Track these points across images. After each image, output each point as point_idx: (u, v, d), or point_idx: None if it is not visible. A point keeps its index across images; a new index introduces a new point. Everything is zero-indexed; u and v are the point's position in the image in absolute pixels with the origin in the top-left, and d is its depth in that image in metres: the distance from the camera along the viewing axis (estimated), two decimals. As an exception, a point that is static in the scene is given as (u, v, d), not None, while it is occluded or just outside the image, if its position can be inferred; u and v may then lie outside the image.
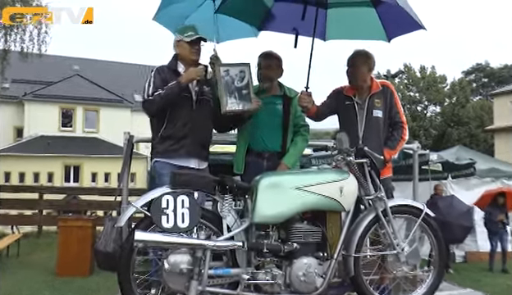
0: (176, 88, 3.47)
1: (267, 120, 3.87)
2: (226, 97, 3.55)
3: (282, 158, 3.81)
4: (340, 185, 3.06)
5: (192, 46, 3.61)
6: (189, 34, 3.61)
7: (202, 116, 3.62)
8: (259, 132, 3.86)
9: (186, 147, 3.53)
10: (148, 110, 3.53)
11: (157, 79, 3.54)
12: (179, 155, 3.52)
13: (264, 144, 3.85)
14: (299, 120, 3.97)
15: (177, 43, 3.67)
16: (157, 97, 3.46)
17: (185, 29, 3.68)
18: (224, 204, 3.01)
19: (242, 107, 3.60)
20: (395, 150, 3.82)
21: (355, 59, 3.85)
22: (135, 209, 2.89)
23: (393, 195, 3.87)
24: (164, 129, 3.56)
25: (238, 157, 3.91)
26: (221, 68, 3.63)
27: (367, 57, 3.86)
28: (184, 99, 3.56)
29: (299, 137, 3.94)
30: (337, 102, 3.95)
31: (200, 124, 3.60)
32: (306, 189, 2.99)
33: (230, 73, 3.64)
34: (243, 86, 3.64)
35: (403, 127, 3.87)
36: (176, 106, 3.53)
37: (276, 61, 3.94)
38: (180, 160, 3.52)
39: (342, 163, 3.25)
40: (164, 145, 3.55)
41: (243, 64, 3.72)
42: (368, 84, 3.88)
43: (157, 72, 3.61)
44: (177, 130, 3.54)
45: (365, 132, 3.77)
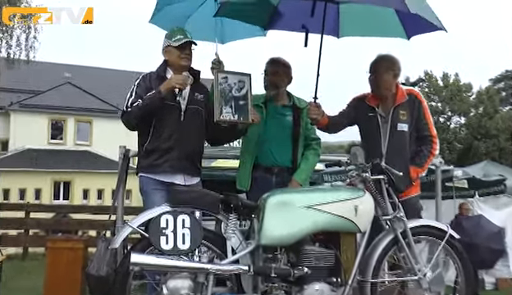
0: (155, 97, 3.47)
1: (275, 133, 3.89)
2: (221, 106, 3.58)
3: (292, 174, 3.83)
4: (355, 204, 3.07)
5: (181, 51, 3.63)
6: (178, 37, 3.63)
7: (191, 128, 3.63)
8: (267, 145, 3.88)
9: (171, 162, 3.54)
10: (126, 122, 3.57)
11: (140, 88, 3.57)
12: (163, 170, 3.53)
13: (273, 158, 3.86)
14: (310, 133, 3.99)
15: (166, 48, 3.69)
16: (135, 108, 3.49)
17: (173, 32, 3.69)
18: (228, 224, 3.02)
19: (237, 118, 3.61)
20: (423, 168, 3.76)
21: (378, 65, 3.82)
22: (131, 229, 2.91)
23: (421, 215, 3.84)
24: (148, 142, 3.59)
25: (243, 173, 3.92)
26: (219, 74, 3.66)
27: (392, 63, 3.83)
28: (170, 109, 3.57)
29: (310, 151, 3.96)
30: (358, 111, 3.92)
31: (188, 137, 3.61)
32: (318, 208, 3.00)
33: (229, 81, 3.67)
34: (240, 96, 3.66)
35: (432, 141, 3.81)
36: (161, 117, 3.55)
37: (283, 68, 3.98)
38: (164, 175, 3.54)
39: (357, 180, 3.26)
40: (148, 159, 3.57)
41: (243, 74, 3.75)
42: (392, 93, 3.84)
43: (141, 80, 3.64)
44: (162, 143, 3.56)
45: (389, 148, 3.73)
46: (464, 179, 9.84)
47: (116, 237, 2.98)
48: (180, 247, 2.78)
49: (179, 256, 2.80)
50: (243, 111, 3.63)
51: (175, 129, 3.57)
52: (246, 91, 3.68)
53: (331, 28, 4.03)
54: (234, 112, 3.61)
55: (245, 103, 3.65)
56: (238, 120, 3.61)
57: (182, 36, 3.63)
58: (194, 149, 3.66)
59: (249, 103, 3.65)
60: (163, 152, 3.54)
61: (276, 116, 3.92)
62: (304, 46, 3.82)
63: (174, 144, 3.55)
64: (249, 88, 3.69)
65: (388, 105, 3.83)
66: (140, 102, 3.48)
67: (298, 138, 3.92)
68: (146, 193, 3.55)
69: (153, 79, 3.62)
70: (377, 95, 3.85)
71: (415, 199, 3.83)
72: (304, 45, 3.82)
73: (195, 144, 3.68)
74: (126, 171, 3.96)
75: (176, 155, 3.55)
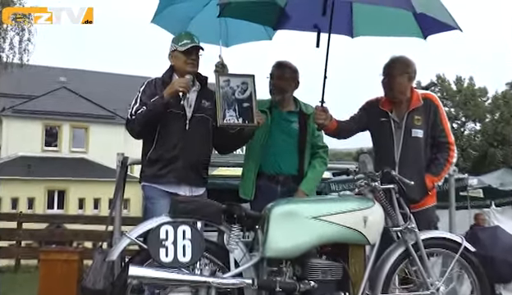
0: (158, 103, 3.50)
1: (281, 140, 3.90)
2: (224, 110, 3.59)
3: (299, 183, 3.83)
4: (364, 214, 3.06)
5: (187, 56, 3.65)
6: (184, 42, 3.65)
7: (197, 136, 3.64)
8: (272, 152, 3.89)
9: (176, 172, 3.55)
10: (130, 131, 3.61)
11: (145, 95, 3.59)
12: (167, 180, 3.55)
13: (278, 166, 3.87)
14: (317, 141, 3.99)
15: (172, 53, 3.72)
16: (139, 116, 3.51)
17: (180, 37, 3.71)
18: (231, 235, 3.02)
19: (241, 122, 3.62)
20: (440, 176, 3.73)
21: (392, 67, 3.81)
22: (129, 240, 2.91)
23: (437, 227, 3.82)
24: (152, 150, 3.60)
25: (247, 181, 3.92)
26: (220, 77, 3.68)
27: (406, 65, 3.81)
28: (175, 117, 3.59)
29: (317, 159, 3.96)
30: (371, 116, 3.91)
31: (194, 145, 3.62)
32: (325, 219, 2.99)
33: (231, 83, 3.68)
34: (244, 98, 3.67)
35: (450, 149, 3.77)
36: (166, 126, 3.58)
37: (289, 72, 3.98)
38: (168, 186, 3.55)
39: (366, 189, 3.26)
40: (152, 169, 3.59)
41: (246, 75, 3.76)
42: (407, 97, 3.83)
43: (146, 86, 3.66)
44: (166, 152, 3.57)
45: (402, 156, 3.71)
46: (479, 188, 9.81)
47: (114, 248, 2.98)
48: (181, 260, 2.78)
49: (179, 269, 2.80)
50: (247, 114, 3.64)
51: (179, 137, 3.59)
52: (250, 93, 3.69)
53: (345, 27, 4.04)
54: (238, 115, 3.62)
55: (249, 105, 3.66)
56: (242, 123, 3.62)
57: (189, 41, 3.65)
58: (199, 159, 3.67)
59: (253, 105, 3.66)
60: (167, 161, 3.56)
61: (282, 123, 3.93)
62: (315, 46, 3.82)
63: (179, 154, 3.57)
64: (253, 90, 3.70)
65: (402, 109, 3.81)
66: (144, 109, 3.50)
67: (304, 146, 3.92)
68: (149, 201, 3.57)
69: (158, 86, 3.64)
70: (391, 99, 3.84)
71: (431, 210, 3.80)
72: (316, 46, 3.82)
73: (201, 153, 3.69)
74: (124, 180, 3.97)
75: (181, 165, 3.56)
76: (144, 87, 3.66)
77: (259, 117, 3.65)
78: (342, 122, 3.89)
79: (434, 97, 3.94)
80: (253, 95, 3.69)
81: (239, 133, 3.69)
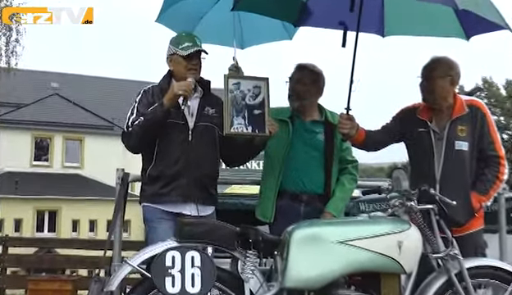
0: (158, 111, 3.51)
1: (304, 153, 3.90)
2: (232, 116, 3.61)
3: (325, 203, 3.83)
4: (399, 239, 3.05)
5: (189, 61, 3.65)
6: (186, 45, 3.65)
7: (201, 148, 3.64)
8: (295, 168, 3.88)
9: (180, 189, 3.56)
10: (127, 145, 3.63)
11: (142, 105, 3.62)
12: (170, 199, 3.56)
13: (302, 184, 3.87)
14: (345, 154, 3.99)
15: (171, 56, 3.72)
16: (136, 127, 3.53)
17: (181, 38, 3.72)
18: (246, 263, 3.02)
19: (251, 131, 3.63)
20: (488, 195, 3.70)
21: (433, 68, 3.79)
22: (131, 268, 2.92)
23: (485, 254, 3.79)
24: (152, 166, 3.62)
25: (266, 201, 3.93)
26: (230, 80, 3.70)
27: (449, 67, 3.80)
28: (176, 128, 3.60)
29: (346, 176, 3.96)
30: (406, 126, 3.91)
31: (199, 158, 3.62)
32: (353, 244, 2.99)
33: (242, 87, 3.70)
34: (256, 105, 3.68)
35: (499, 163, 3.74)
36: (166, 138, 3.60)
37: (310, 75, 3.97)
38: (172, 205, 3.57)
39: (401, 210, 3.25)
40: (153, 187, 3.61)
41: (259, 78, 3.78)
42: (449, 104, 3.81)
43: (143, 96, 3.69)
44: (167, 168, 3.58)
45: (444, 171, 3.69)
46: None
47: (113, 277, 2.99)
48: (189, 291, 2.78)
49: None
50: (258, 122, 3.65)
51: (182, 151, 3.60)
52: (262, 98, 3.70)
53: (375, 25, 4.05)
54: (247, 124, 3.64)
55: (261, 113, 3.67)
56: (252, 132, 3.63)
57: (191, 43, 3.66)
58: (206, 173, 3.67)
59: (265, 112, 3.67)
60: (170, 178, 3.58)
61: (305, 134, 3.93)
62: (341, 46, 3.84)
63: (182, 169, 3.58)
64: (267, 95, 3.72)
65: (444, 118, 3.79)
66: (141, 120, 3.53)
67: (331, 160, 3.91)
68: (150, 224, 3.59)
69: (156, 94, 3.67)
70: (431, 105, 3.82)
71: (478, 234, 3.76)
72: (342, 45, 3.84)
73: (208, 167, 3.69)
74: (125, 199, 4.00)
75: (185, 181, 3.57)
76: (139, 96, 3.69)
77: (272, 126, 3.66)
78: (371, 132, 3.88)
79: (481, 103, 3.91)
80: (266, 101, 3.70)
81: (248, 144, 3.72)
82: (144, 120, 3.52)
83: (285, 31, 4.53)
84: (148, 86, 3.77)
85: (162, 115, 3.50)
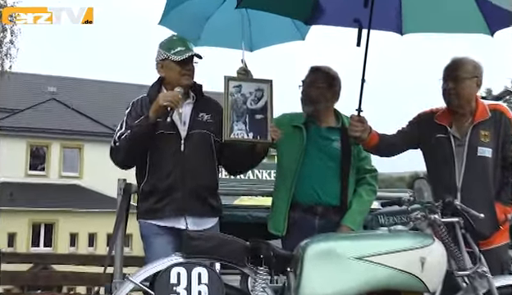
0: (143, 124, 3.53)
1: (319, 162, 3.90)
2: (232, 122, 3.63)
3: (341, 216, 3.83)
4: (421, 255, 3.05)
5: (183, 66, 3.66)
6: (178, 49, 3.66)
7: (196, 157, 3.65)
8: (309, 178, 3.88)
9: (175, 203, 3.58)
10: (114, 160, 3.69)
11: (131, 118, 3.65)
12: (165, 215, 3.59)
13: (317, 196, 3.87)
14: (363, 164, 3.99)
15: (162, 62, 3.72)
16: (123, 142, 3.58)
17: (173, 43, 3.73)
18: (257, 280, 3.03)
19: (252, 137, 3.64)
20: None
21: (459, 69, 3.78)
22: (133, 285, 2.94)
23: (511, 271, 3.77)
24: (145, 182, 3.66)
25: (277, 213, 3.93)
26: (230, 82, 3.72)
27: (474, 67, 3.79)
28: (166, 139, 3.61)
29: (364, 186, 3.96)
30: (424, 131, 3.91)
31: (194, 169, 3.63)
32: (372, 260, 2.99)
33: (243, 90, 3.71)
34: (257, 109, 3.70)
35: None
36: (156, 150, 3.62)
37: (324, 77, 3.97)
38: (167, 220, 3.60)
39: (423, 223, 3.24)
40: (147, 203, 3.65)
41: (262, 80, 3.80)
42: (471, 108, 3.81)
43: (132, 108, 3.72)
44: (160, 182, 3.61)
45: (466, 180, 3.69)
46: None
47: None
48: (195, 309, 2.79)
49: (193, 321, 2.82)
50: (260, 128, 3.66)
51: (175, 162, 3.62)
52: (265, 102, 3.72)
53: (392, 22, 4.05)
54: (248, 130, 3.66)
55: (263, 118, 3.69)
56: (253, 139, 3.65)
57: (184, 48, 3.67)
58: (203, 184, 3.68)
59: (268, 117, 3.69)
60: (163, 193, 3.60)
61: (320, 141, 3.93)
62: (356, 45, 3.84)
63: (175, 182, 3.60)
64: (270, 99, 3.74)
65: (465, 123, 3.79)
66: (128, 133, 3.57)
67: (348, 170, 3.92)
68: (147, 239, 3.64)
69: (145, 105, 3.69)
70: (456, 109, 3.81)
71: (503, 249, 3.74)
72: (357, 44, 3.84)
73: (205, 178, 3.70)
74: (127, 211, 4.02)
75: (180, 195, 3.59)
76: (129, 109, 3.73)
77: (275, 132, 3.68)
78: (385, 136, 3.88)
79: (505, 108, 3.90)
80: (269, 105, 3.73)
81: (250, 151, 3.73)
82: (129, 133, 3.55)
83: (297, 31, 4.54)
84: (138, 97, 3.80)
85: (148, 127, 3.52)
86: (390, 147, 3.94)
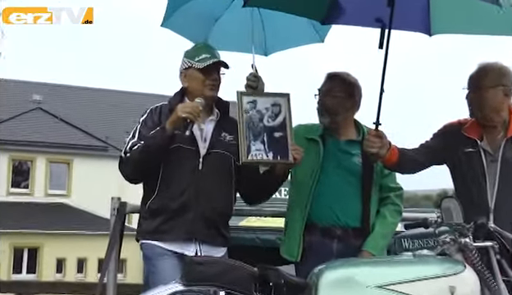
0: (159, 135, 3.55)
1: (338, 179, 3.91)
2: (249, 141, 3.63)
3: (362, 239, 3.84)
4: (451, 283, 3.04)
5: (207, 75, 3.71)
6: (203, 57, 3.71)
7: (213, 179, 3.68)
8: (327, 197, 3.89)
9: (185, 226, 3.60)
10: (123, 173, 3.69)
11: (146, 128, 3.68)
12: (173, 238, 3.61)
13: (335, 216, 3.87)
14: (387, 181, 4.00)
15: (185, 71, 3.79)
16: (134, 153, 3.59)
17: (197, 50, 3.80)
18: (266, 310, 3.02)
19: (272, 158, 3.65)
20: None
21: (481, 78, 3.81)
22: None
23: None
24: (154, 198, 3.67)
25: (291, 236, 3.95)
26: (244, 98, 3.73)
27: (501, 75, 3.81)
28: (185, 154, 3.64)
29: (388, 206, 3.97)
30: (451, 145, 3.91)
31: (210, 191, 3.65)
32: (395, 289, 2.98)
33: (259, 106, 3.73)
34: (276, 126, 3.71)
35: None
36: (172, 165, 3.63)
37: (342, 85, 3.98)
38: (175, 244, 3.61)
39: (453, 247, 3.23)
40: (154, 222, 3.65)
41: (278, 94, 3.82)
42: (503, 119, 3.82)
43: (148, 116, 3.76)
44: (171, 201, 3.62)
45: (499, 200, 3.69)
46: None
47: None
48: (198, 344, 2.80)
49: None
50: (280, 147, 3.67)
51: (190, 181, 3.64)
52: (283, 118, 3.74)
53: (420, 22, 4.08)
54: (267, 149, 3.66)
55: (282, 135, 3.70)
56: (274, 159, 3.66)
57: (209, 55, 3.72)
58: (217, 209, 3.70)
59: (288, 135, 3.70)
60: (173, 213, 3.62)
61: (339, 156, 3.94)
62: (378, 47, 3.83)
63: (188, 202, 3.62)
64: (288, 114, 3.75)
65: (497, 136, 3.80)
66: (141, 145, 3.58)
67: (370, 188, 3.92)
68: (150, 262, 3.63)
69: (164, 114, 3.72)
70: (480, 121, 3.83)
71: None
72: (379, 46, 3.82)
73: (220, 202, 3.72)
74: (121, 233, 4.03)
75: (191, 216, 3.61)
76: (145, 116, 3.76)
77: (296, 151, 3.69)
78: (407, 151, 3.87)
79: None
80: (288, 121, 3.74)
81: (268, 174, 3.76)
82: (143, 145, 3.57)
83: (316, 32, 4.56)
84: (157, 105, 3.83)
85: (164, 140, 3.55)
86: (412, 163, 3.94)
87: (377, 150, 3.71)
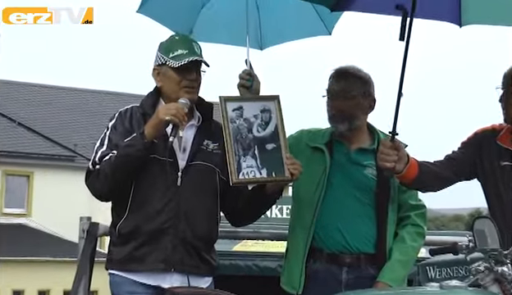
0: (136, 143, 3.51)
1: (348, 196, 3.92)
2: (239, 157, 3.62)
3: (377, 267, 3.84)
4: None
5: (184, 75, 3.67)
6: (179, 53, 3.66)
7: (196, 196, 3.66)
8: (334, 217, 3.90)
9: (161, 253, 3.58)
10: (93, 189, 3.65)
11: (117, 134, 3.66)
12: (147, 267, 3.59)
13: (344, 240, 3.88)
14: (407, 197, 3.99)
15: (158, 68, 3.75)
16: (106, 166, 3.55)
17: (173, 44, 3.74)
18: None
19: (266, 175, 3.64)
20: None
21: None
22: None
23: None
24: (124, 220, 3.64)
25: (292, 263, 3.95)
26: (227, 104, 3.70)
27: None
28: (161, 166, 3.59)
29: (408, 229, 3.97)
30: (482, 157, 3.93)
31: (191, 211, 3.64)
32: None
33: (246, 113, 3.71)
34: (267, 136, 3.71)
35: None
36: (145, 180, 3.61)
37: (357, 83, 3.97)
38: (150, 275, 3.59)
39: (488, 277, 3.23)
40: (124, 248, 3.63)
41: (267, 97, 3.83)
42: None
43: (118, 120, 3.73)
44: (145, 222, 3.59)
45: None
46: None
47: None
48: None
49: None
50: (274, 162, 3.66)
51: (168, 199, 3.61)
52: (275, 126, 3.73)
53: (449, 10, 4.10)
54: (260, 166, 3.65)
55: (276, 147, 3.70)
56: (268, 177, 3.64)
57: (186, 50, 3.67)
58: (200, 232, 3.68)
59: (281, 146, 3.70)
60: (147, 236, 3.59)
61: (349, 167, 3.95)
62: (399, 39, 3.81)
63: (166, 224, 3.59)
64: (280, 121, 3.74)
65: None
66: (114, 155, 3.55)
67: (386, 206, 3.93)
68: None
69: (136, 118, 3.71)
70: None
71: None
72: (400, 38, 3.79)
73: (203, 224, 3.70)
74: (91, 260, 4.04)
75: (170, 241, 3.59)
76: (114, 121, 3.74)
77: (293, 165, 3.66)
78: (428, 165, 3.87)
79: None
80: (280, 129, 3.73)
81: (259, 191, 3.73)
82: (116, 155, 3.54)
83: (322, 23, 4.56)
84: (127, 107, 3.81)
85: (142, 148, 3.51)
86: (435, 179, 3.93)
87: (392, 164, 3.66)
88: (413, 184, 3.86)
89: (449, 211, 45.36)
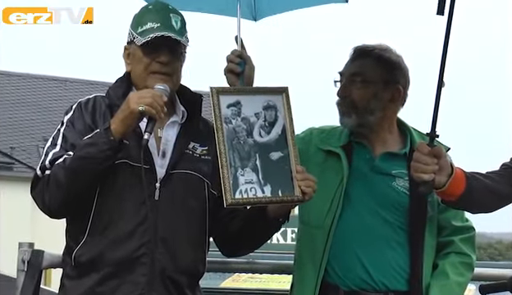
0: (100, 142, 3.43)
1: (371, 217, 3.92)
2: (235, 170, 3.55)
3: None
4: None
5: (151, 56, 3.63)
6: (148, 26, 3.63)
7: (178, 215, 3.66)
8: (353, 242, 3.91)
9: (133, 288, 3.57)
10: (41, 202, 3.58)
11: (73, 131, 3.62)
12: None
13: (366, 275, 3.88)
14: (449, 217, 4.00)
15: (128, 47, 3.76)
16: (60, 171, 3.48)
17: (142, 15, 3.73)
18: None
19: (270, 193, 3.59)
20: None
21: None
22: None
23: None
24: (83, 243, 3.60)
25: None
26: (222, 98, 3.61)
27: None
28: (131, 175, 3.57)
29: (451, 258, 3.98)
30: None
31: (172, 233, 3.63)
32: None
33: (245, 110, 3.64)
34: (272, 142, 3.66)
35: None
36: (112, 192, 3.58)
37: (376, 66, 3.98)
38: None
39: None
40: (82, 283, 3.61)
41: (273, 90, 3.75)
42: None
43: (76, 113, 3.69)
44: (112, 248, 3.57)
45: None
46: None
47: None
48: None
49: None
50: (280, 176, 3.62)
51: (142, 218, 3.58)
52: (282, 127, 3.68)
53: None
54: (262, 181, 3.59)
55: (283, 156, 3.66)
56: (273, 196, 3.59)
57: (157, 24, 3.63)
58: (184, 263, 3.68)
59: (290, 156, 3.66)
60: (116, 268, 3.58)
61: (371, 178, 3.95)
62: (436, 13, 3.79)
63: (139, 251, 3.57)
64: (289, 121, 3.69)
65: None
66: (69, 157, 3.50)
67: (422, 230, 3.92)
68: None
69: (100, 111, 3.69)
70: None
71: None
72: (438, 12, 3.76)
73: (188, 252, 3.70)
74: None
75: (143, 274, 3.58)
76: (71, 114, 3.71)
77: (306, 181, 3.60)
78: (480, 178, 3.85)
79: None
80: (290, 132, 3.68)
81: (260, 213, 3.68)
82: (73, 156, 3.49)
83: None
84: (88, 97, 3.78)
85: (107, 149, 3.44)
86: (489, 196, 3.91)
87: (431, 176, 3.63)
88: (459, 203, 3.82)
89: (506, 235, 45.35)
